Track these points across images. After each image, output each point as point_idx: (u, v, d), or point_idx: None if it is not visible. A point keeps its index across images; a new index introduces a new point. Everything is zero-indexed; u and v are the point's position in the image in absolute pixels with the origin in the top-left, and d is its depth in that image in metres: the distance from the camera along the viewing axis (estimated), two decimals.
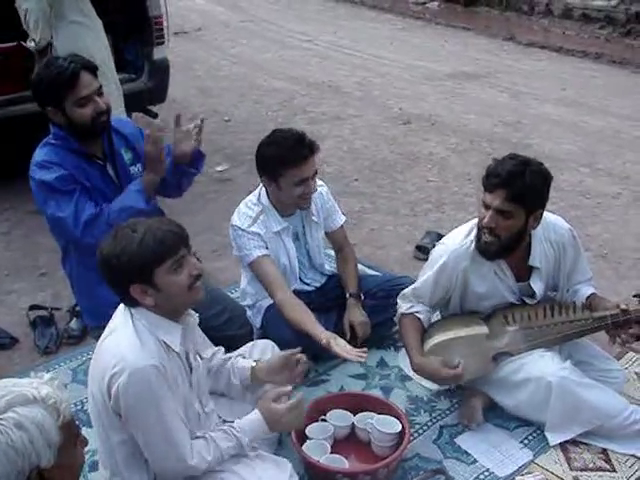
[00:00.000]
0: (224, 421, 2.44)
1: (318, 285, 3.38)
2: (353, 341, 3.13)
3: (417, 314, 2.93)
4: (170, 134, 3.01)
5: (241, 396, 2.58)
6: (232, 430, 2.31)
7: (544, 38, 9.88)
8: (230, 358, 2.60)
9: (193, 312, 2.35)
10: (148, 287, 2.13)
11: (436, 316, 3.13)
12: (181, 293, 2.17)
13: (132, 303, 2.18)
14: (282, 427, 2.44)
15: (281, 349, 2.75)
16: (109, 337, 2.19)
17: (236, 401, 2.59)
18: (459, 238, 2.88)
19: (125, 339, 2.14)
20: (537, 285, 2.89)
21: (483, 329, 2.87)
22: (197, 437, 2.26)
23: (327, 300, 3.33)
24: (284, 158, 2.98)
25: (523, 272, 2.89)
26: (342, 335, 3.03)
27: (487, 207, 2.68)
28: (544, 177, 2.70)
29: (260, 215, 3.13)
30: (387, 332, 3.43)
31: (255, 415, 2.36)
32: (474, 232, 2.83)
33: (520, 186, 2.62)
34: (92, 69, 2.91)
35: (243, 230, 3.09)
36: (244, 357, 2.64)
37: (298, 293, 3.23)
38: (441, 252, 2.89)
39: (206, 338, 2.55)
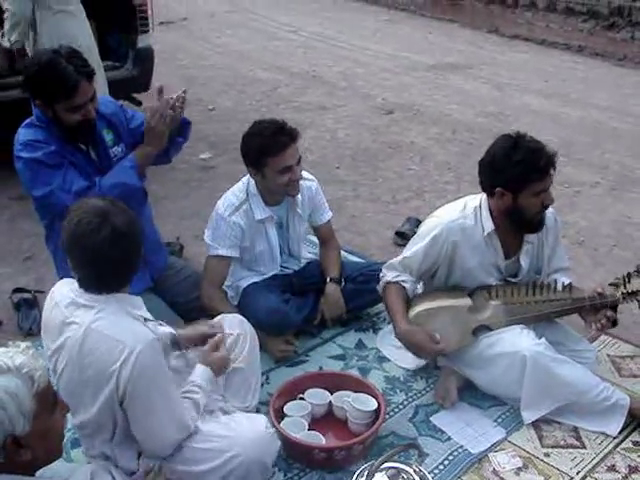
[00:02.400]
0: None
1: (296, 268, 3.45)
2: (322, 325, 3.31)
3: (403, 283, 2.98)
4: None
5: None
6: (195, 386, 2.36)
7: (528, 31, 9.96)
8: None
9: None
10: None
11: (420, 289, 3.19)
12: None
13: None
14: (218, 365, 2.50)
15: (254, 327, 2.82)
16: (92, 334, 2.11)
17: None
18: (454, 213, 2.94)
19: (112, 326, 2.11)
20: (525, 261, 2.99)
21: (467, 301, 2.95)
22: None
23: (306, 284, 3.40)
24: (266, 148, 3.04)
25: (512, 249, 2.98)
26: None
27: (542, 192, 2.79)
28: None
29: (244, 204, 3.18)
30: (364, 314, 3.53)
31: (201, 368, 2.42)
32: (468, 210, 2.92)
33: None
34: (91, 75, 2.88)
35: (223, 219, 3.16)
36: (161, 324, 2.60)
37: (277, 277, 3.32)
38: (434, 224, 2.94)
39: None
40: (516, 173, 2.75)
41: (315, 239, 3.69)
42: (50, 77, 2.78)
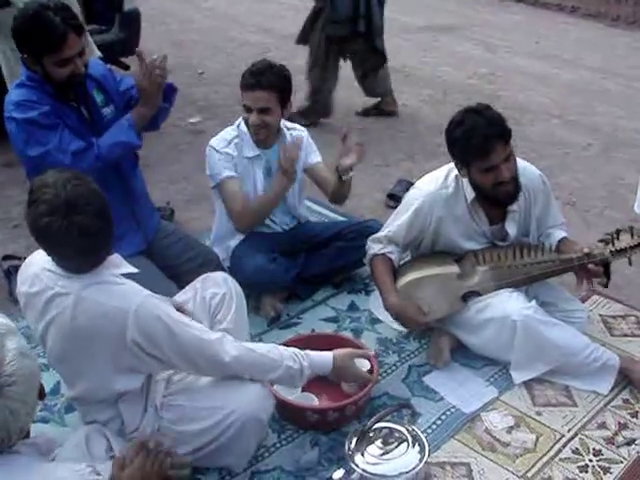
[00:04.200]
0: None
1: (287, 228, 3.44)
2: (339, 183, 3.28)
3: (389, 254, 2.99)
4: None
5: None
6: (300, 355, 2.40)
7: None
8: None
9: None
10: None
11: (407, 256, 3.19)
12: None
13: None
14: (343, 377, 2.64)
15: (243, 287, 2.85)
16: (84, 302, 2.10)
17: None
18: (435, 183, 2.93)
19: (104, 293, 2.11)
20: (511, 228, 2.97)
21: (454, 268, 2.94)
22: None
23: (295, 243, 3.40)
24: (240, 83, 3.19)
25: (497, 215, 2.96)
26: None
27: (494, 167, 2.72)
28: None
29: (235, 139, 3.25)
30: (355, 271, 3.54)
31: (328, 355, 2.48)
32: (450, 179, 2.90)
33: (507, 128, 2.74)
34: (79, 29, 2.82)
35: (216, 150, 3.23)
36: None
37: (266, 235, 3.34)
38: (416, 196, 2.94)
39: None
40: (456, 151, 2.78)
41: (318, 208, 3.66)
42: (37, 28, 2.72)
